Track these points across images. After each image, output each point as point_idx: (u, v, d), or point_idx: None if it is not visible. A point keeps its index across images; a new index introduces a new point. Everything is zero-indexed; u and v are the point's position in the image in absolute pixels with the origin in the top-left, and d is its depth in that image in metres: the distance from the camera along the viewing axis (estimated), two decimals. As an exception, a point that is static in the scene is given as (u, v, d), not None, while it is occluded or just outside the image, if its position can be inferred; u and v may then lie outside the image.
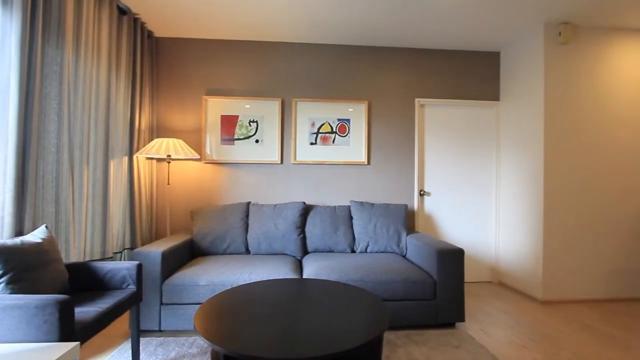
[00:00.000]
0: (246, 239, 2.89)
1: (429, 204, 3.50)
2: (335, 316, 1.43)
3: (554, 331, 2.37)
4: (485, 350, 2.05)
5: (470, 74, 3.55)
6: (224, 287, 2.25)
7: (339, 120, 3.37)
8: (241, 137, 3.28)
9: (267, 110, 3.30)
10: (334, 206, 3.12)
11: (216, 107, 3.26)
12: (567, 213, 2.98)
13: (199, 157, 3.05)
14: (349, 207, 3.13)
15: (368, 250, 2.95)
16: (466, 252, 3.54)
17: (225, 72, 3.30)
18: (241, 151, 3.28)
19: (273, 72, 3.34)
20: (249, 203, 3.07)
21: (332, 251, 2.94)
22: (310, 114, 3.34)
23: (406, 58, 3.48)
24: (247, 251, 2.90)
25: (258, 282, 1.93)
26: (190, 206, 3.24)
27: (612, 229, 3.03)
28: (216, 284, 2.25)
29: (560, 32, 2.90)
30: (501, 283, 3.49)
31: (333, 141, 3.36)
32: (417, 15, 2.82)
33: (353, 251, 2.98)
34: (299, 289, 1.80)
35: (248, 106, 3.29)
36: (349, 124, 3.38)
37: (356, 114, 3.39)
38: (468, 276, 3.55)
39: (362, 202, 3.12)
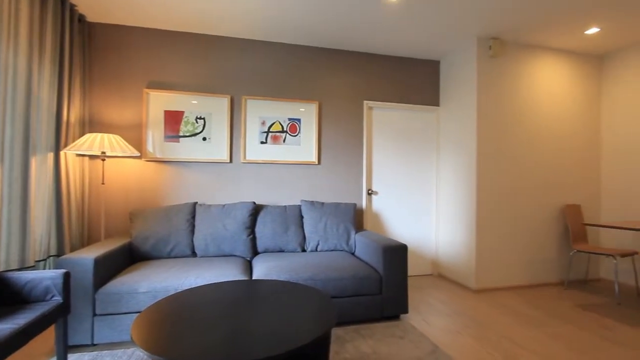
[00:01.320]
0: (192, 241, 2.76)
1: (377, 202, 3.65)
2: (284, 316, 1.43)
3: (484, 316, 2.62)
4: (426, 339, 2.20)
5: (414, 80, 3.78)
6: (167, 293, 2.12)
7: (289, 119, 3.37)
8: (187, 135, 3.12)
9: (216, 107, 3.18)
10: (285, 206, 3.11)
11: (159, 101, 3.06)
12: (495, 210, 3.31)
13: (139, 154, 2.84)
14: (299, 206, 3.15)
15: (318, 249, 2.99)
16: (410, 248, 3.76)
17: (170, 65, 3.11)
18: (187, 149, 3.12)
19: (222, 68, 3.23)
20: (195, 203, 2.93)
21: (283, 251, 2.93)
22: (260, 112, 3.29)
23: (356, 61, 3.58)
24: (194, 254, 2.77)
25: (204, 285, 1.85)
26: (129, 208, 3.00)
27: (530, 225, 3.43)
28: (158, 290, 2.11)
29: (490, 46, 3.21)
30: (441, 275, 3.77)
31: (284, 140, 3.35)
32: (363, 22, 2.92)
33: (304, 250, 3.00)
34: (247, 291, 1.76)
35: (195, 102, 3.14)
36: (300, 123, 3.39)
37: (307, 114, 3.41)
38: (411, 270, 3.77)
39: (312, 202, 3.16)
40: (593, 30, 3.07)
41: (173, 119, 3.09)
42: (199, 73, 3.18)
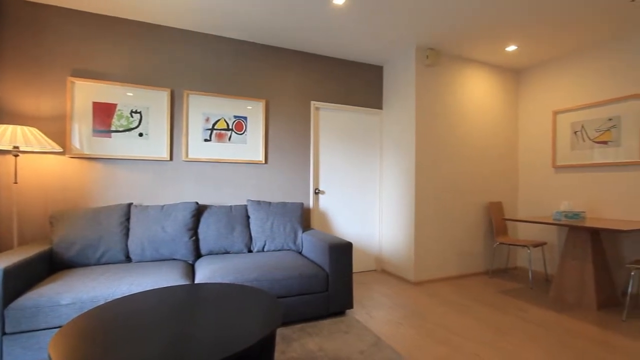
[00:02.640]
0: (126, 245, 2.54)
1: (324, 201, 3.71)
2: (228, 319, 1.39)
3: (422, 306, 2.81)
4: (370, 332, 2.30)
5: (360, 83, 3.92)
6: (96, 304, 1.93)
7: (235, 117, 3.27)
8: (120, 129, 2.86)
9: (154, 101, 2.97)
10: (231, 206, 3.02)
11: (87, 91, 2.77)
12: (431, 208, 3.57)
13: (61, 150, 2.54)
14: (246, 206, 3.08)
15: (265, 249, 2.95)
16: (355, 245, 3.89)
17: (101, 53, 2.83)
18: (120, 145, 2.86)
19: (163, 59, 3.02)
20: (130, 204, 2.71)
21: (228, 252, 2.84)
22: (204, 108, 3.15)
23: (304, 62, 3.61)
24: (128, 259, 2.55)
25: (140, 292, 1.72)
26: (50, 210, 2.67)
27: (461, 221, 3.77)
28: (85, 300, 1.91)
29: (427, 56, 3.45)
30: (384, 270, 3.96)
31: (229, 139, 3.25)
32: (311, 22, 2.95)
33: (250, 251, 2.94)
34: (189, 296, 1.68)
35: (131, 94, 2.89)
36: (246, 121, 3.32)
37: (254, 112, 3.35)
38: (357, 267, 3.91)
39: (259, 201, 3.11)
40: (512, 48, 3.47)
41: (104, 111, 2.82)
42: (136, 63, 2.94)
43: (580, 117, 3.49)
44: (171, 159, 3.03)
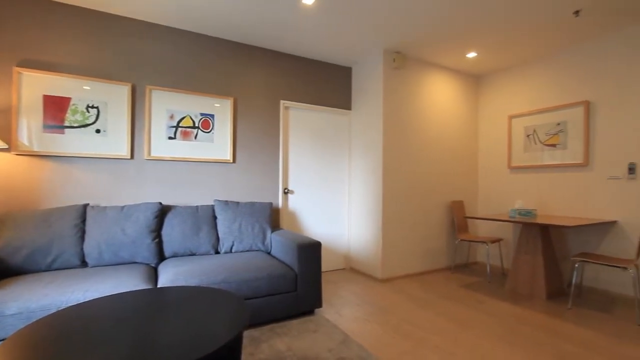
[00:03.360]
0: (82, 249, 2.39)
1: (293, 201, 3.70)
2: (192, 324, 1.35)
3: (388, 303, 2.89)
4: (339, 330, 2.33)
5: (329, 83, 3.95)
6: (47, 313, 1.79)
7: (202, 114, 3.18)
8: (75, 125, 2.68)
9: (113, 96, 2.81)
10: (197, 206, 2.93)
11: (36, 83, 2.56)
12: (398, 206, 3.68)
13: (6, 146, 2.34)
14: (212, 206, 3.00)
15: (233, 250, 2.89)
16: (324, 244, 3.92)
17: (53, 43, 2.63)
18: (75, 142, 2.68)
19: (124, 52, 2.87)
20: (86, 205, 2.54)
21: (194, 254, 2.76)
22: (168, 105, 3.03)
23: (273, 60, 3.57)
24: (84, 264, 2.40)
25: (97, 299, 1.62)
26: (-9, 212, 2.44)
27: (426, 219, 3.92)
28: (34, 310, 1.77)
29: (394, 59, 3.55)
30: (352, 269, 4.02)
31: (195, 137, 3.15)
32: (280, 20, 2.94)
33: (217, 252, 2.87)
34: (151, 300, 1.61)
35: (87, 88, 2.72)
36: (213, 119, 3.23)
37: (221, 110, 3.27)
38: (326, 266, 3.94)
39: (226, 201, 3.04)
40: (472, 55, 3.66)
41: (56, 105, 2.62)
42: (94, 56, 2.76)
43: (533, 121, 3.76)
44: (132, 157, 2.88)
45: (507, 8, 2.70)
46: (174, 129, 3.05)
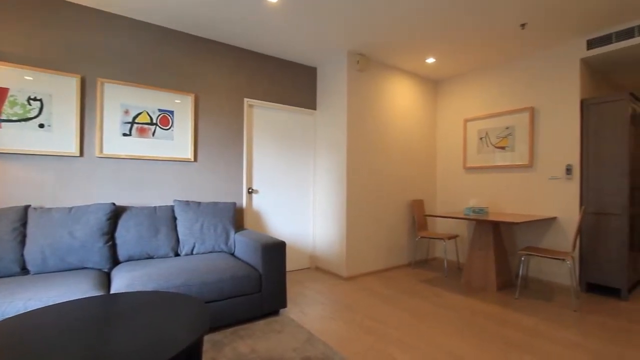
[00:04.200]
0: (22, 255, 2.18)
1: (257, 201, 3.65)
2: (149, 330, 1.29)
3: (352, 300, 2.95)
4: (303, 329, 2.33)
5: (294, 83, 3.94)
6: (-22, 326, 1.61)
7: (160, 111, 3.03)
8: (14, 119, 2.44)
9: (60, 88, 2.59)
10: (155, 207, 2.79)
11: (-34, 72, 2.29)
12: (361, 205, 3.76)
13: None
14: (172, 207, 2.87)
15: (194, 252, 2.79)
16: (289, 244, 3.91)
17: (-15, 26, 2.37)
18: (14, 137, 2.44)
19: (74, 41, 2.65)
20: (27, 207, 2.32)
21: (152, 257, 2.63)
22: (123, 99, 2.85)
23: (238, 57, 3.49)
24: (25, 271, 2.19)
25: (40, 309, 1.49)
26: None
27: (388, 217, 4.05)
28: (-37, 323, 1.58)
29: (358, 61, 3.63)
30: (317, 268, 4.05)
31: (153, 134, 2.99)
32: (244, 15, 2.88)
33: (177, 254, 2.75)
34: (103, 308, 1.51)
35: (30, 78, 2.48)
36: (173, 116, 3.09)
37: (182, 106, 3.14)
38: (291, 265, 3.93)
39: (187, 201, 2.93)
40: (431, 60, 3.84)
41: (-10, 97, 2.37)
42: (38, 43, 2.53)
43: (485, 125, 4.02)
44: (82, 154, 2.68)
45: (461, 18, 2.86)
46: (130, 125, 2.88)
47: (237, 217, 3.47)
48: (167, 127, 3.06)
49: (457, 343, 2.16)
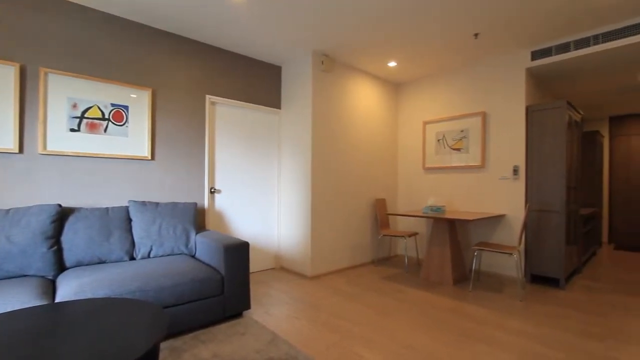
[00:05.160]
0: (-53, 263, 1.94)
1: (220, 201, 3.55)
2: (99, 340, 1.20)
3: (317, 299, 2.96)
4: (267, 330, 2.31)
5: (259, 81, 3.88)
6: None
7: (113, 105, 2.84)
8: (-63, 110, 2.16)
9: (-6, 77, 2.34)
10: (107, 208, 2.61)
11: None
12: (326, 205, 3.80)
13: None
14: (127, 207, 2.71)
15: (151, 255, 2.65)
16: (253, 244, 3.84)
17: None
18: (-63, 131, 2.16)
19: (11, 25, 2.40)
20: (-47, 209, 2.07)
21: (104, 262, 2.45)
22: (70, 92, 2.64)
23: (199, 52, 3.37)
24: (-51, 281, 1.95)
25: (-31, 322, 1.33)
26: None
27: (352, 216, 4.13)
28: None
29: (322, 62, 3.66)
30: (282, 268, 4.02)
31: (105, 130, 2.80)
32: (206, 9, 2.79)
33: (133, 258, 2.60)
34: (45, 319, 1.38)
35: (-47, 65, 2.21)
36: (128, 111, 2.91)
37: (138, 101, 2.96)
38: (255, 266, 3.87)
39: (144, 202, 2.77)
40: (392, 64, 3.97)
41: None
42: (-37, 25, 2.25)
43: (442, 127, 4.23)
44: (21, 151, 2.44)
45: (421, 26, 2.99)
46: (78, 119, 2.67)
47: (198, 218, 3.35)
48: (121, 123, 2.87)
49: (417, 336, 2.25)
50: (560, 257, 3.31)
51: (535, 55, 3.45)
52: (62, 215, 2.39)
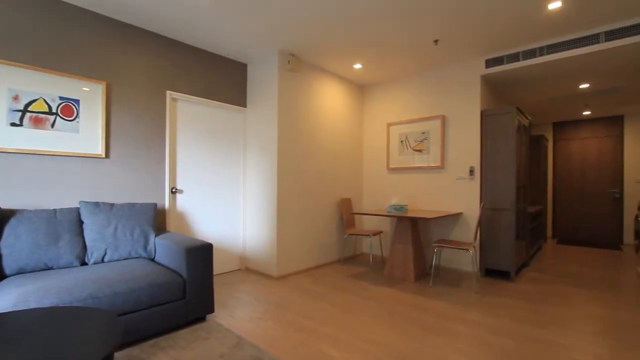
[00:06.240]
0: None
1: (182, 201, 3.41)
2: (44, 354, 1.11)
3: (283, 299, 2.95)
4: (231, 333, 2.25)
5: (223, 78, 3.78)
6: None
7: (62, 99, 2.62)
8: None
9: None
10: (55, 209, 2.41)
11: None
12: (292, 204, 3.79)
13: None
14: (78, 209, 2.52)
15: (106, 260, 2.49)
16: (218, 246, 3.74)
17: None
18: None
19: None
20: None
21: (51, 268, 2.27)
22: (11, 82, 2.40)
23: (160, 46, 3.21)
24: None
25: None
26: None
27: (318, 216, 4.16)
28: None
29: (289, 61, 3.64)
30: (248, 269, 3.95)
31: (52, 125, 2.58)
32: (167, 2, 2.67)
33: (85, 263, 2.43)
34: (-20, 332, 1.25)
35: None
36: (79, 105, 2.71)
37: (91, 95, 2.77)
38: (220, 268, 3.76)
39: (97, 203, 2.60)
40: (358, 66, 4.05)
41: None
42: None
43: (405, 129, 4.39)
44: (-50, 147, 2.18)
45: (385, 30, 3.08)
46: (20, 113, 2.44)
47: (158, 219, 3.19)
48: (72, 118, 2.67)
49: (381, 332, 2.32)
50: (511, 251, 3.57)
51: (489, 63, 3.69)
52: (1, 217, 2.18)
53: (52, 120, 2.57)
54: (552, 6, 2.68)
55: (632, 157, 5.84)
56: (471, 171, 3.80)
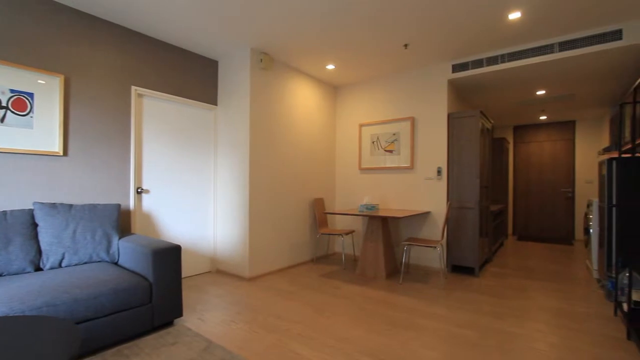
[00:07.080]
0: None
1: (148, 202, 3.28)
2: (-5, 364, 1.03)
3: (255, 301, 2.91)
4: (200, 337, 2.20)
5: (193, 75, 3.67)
6: None
7: (13, 92, 2.43)
8: None
9: None
10: (5, 211, 2.23)
11: None
12: (264, 205, 3.75)
13: None
14: (31, 211, 2.35)
15: (64, 264, 2.34)
16: (187, 247, 3.63)
17: None
18: None
19: None
20: None
21: (1, 274, 2.10)
22: (-47, 73, 2.19)
23: (124, 39, 3.06)
24: None
25: None
26: None
27: (291, 216, 4.14)
28: None
29: (261, 59, 3.60)
30: (219, 270, 3.87)
31: (2, 120, 2.38)
32: (135, -5, 2.56)
33: (39, 269, 2.27)
34: None
35: None
36: (33, 99, 2.52)
37: (47, 88, 2.59)
38: (190, 270, 3.65)
39: (54, 204, 2.43)
40: (331, 67, 4.08)
41: None
42: None
43: (376, 130, 4.48)
44: None
45: (357, 32, 3.13)
46: (-36, 107, 2.23)
47: (122, 221, 3.05)
48: (25, 113, 2.48)
49: (352, 329, 2.35)
50: (475, 248, 3.74)
51: (455, 68, 3.85)
52: (-59, 221, 1.98)
53: (1, 115, 2.37)
54: (512, 16, 2.84)
55: (582, 159, 6.32)
56: (439, 171, 3.94)
